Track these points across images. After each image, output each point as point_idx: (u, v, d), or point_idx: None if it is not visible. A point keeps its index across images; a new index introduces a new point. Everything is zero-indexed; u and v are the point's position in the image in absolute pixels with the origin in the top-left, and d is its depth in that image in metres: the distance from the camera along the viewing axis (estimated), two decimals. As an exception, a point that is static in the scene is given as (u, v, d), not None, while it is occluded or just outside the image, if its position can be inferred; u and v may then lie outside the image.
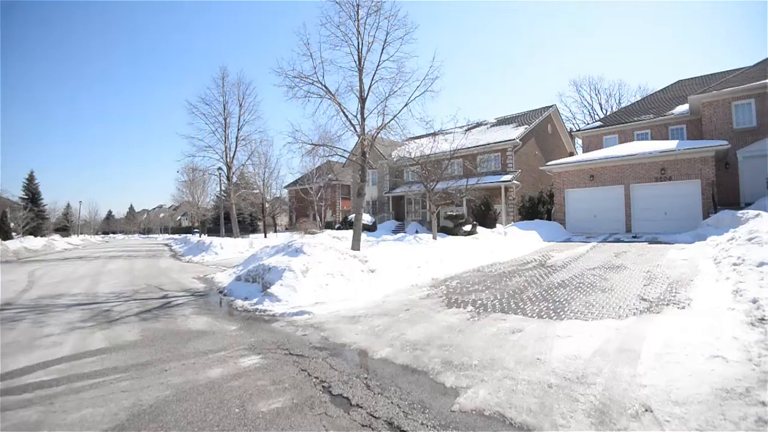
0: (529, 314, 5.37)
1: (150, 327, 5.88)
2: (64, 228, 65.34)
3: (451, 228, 18.54)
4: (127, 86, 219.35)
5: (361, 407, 3.03)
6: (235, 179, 27.13)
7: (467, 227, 17.98)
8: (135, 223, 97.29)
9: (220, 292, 8.69)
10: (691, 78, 25.70)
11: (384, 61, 11.66)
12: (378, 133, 12.25)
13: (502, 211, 22.69)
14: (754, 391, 2.78)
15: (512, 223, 20.56)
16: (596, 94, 45.07)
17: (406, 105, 11.85)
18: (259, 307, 6.70)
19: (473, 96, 78.47)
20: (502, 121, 29.36)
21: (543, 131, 27.62)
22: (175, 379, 3.79)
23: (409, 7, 13.01)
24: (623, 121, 23.59)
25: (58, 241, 35.95)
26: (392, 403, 3.07)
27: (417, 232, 20.79)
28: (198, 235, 38.37)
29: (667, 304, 5.38)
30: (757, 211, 11.52)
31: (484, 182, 20.50)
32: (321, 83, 11.45)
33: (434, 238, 15.44)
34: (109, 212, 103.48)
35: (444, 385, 3.35)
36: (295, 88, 11.39)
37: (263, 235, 31.67)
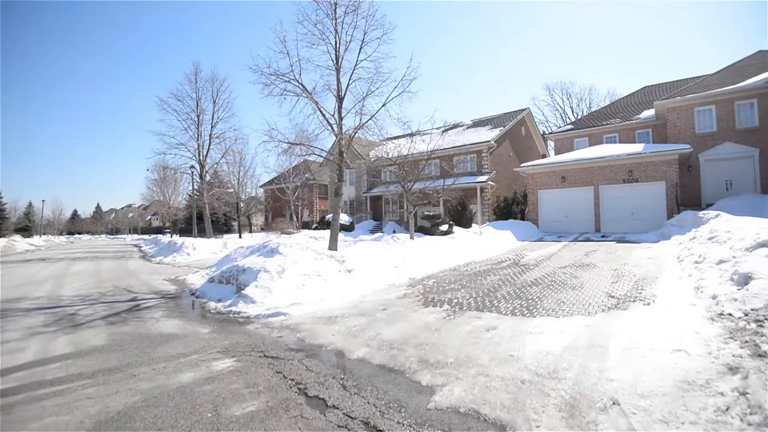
0: (504, 312, 5.48)
1: (118, 331, 5.67)
2: (26, 228, 62.01)
3: (428, 228, 18.70)
4: (92, 81, 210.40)
5: (338, 408, 3.02)
6: (208, 178, 26.52)
7: (444, 227, 18.18)
8: (102, 223, 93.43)
9: (193, 294, 8.46)
10: (657, 84, 26.85)
11: (362, 60, 11.66)
12: (355, 133, 12.23)
13: (478, 212, 23.06)
14: (714, 383, 2.94)
15: (487, 223, 20.93)
16: (568, 98, 46.58)
17: (383, 105, 11.88)
18: (233, 309, 6.57)
19: (449, 97, 79.52)
20: (478, 123, 29.84)
21: (517, 133, 28.23)
22: (144, 384, 3.67)
23: (387, 7, 13.04)
24: (593, 124, 24.41)
25: (18, 242, 34.05)
26: (369, 402, 3.08)
27: (394, 231, 20.86)
28: (169, 235, 37.21)
29: (634, 301, 5.61)
30: (716, 212, 12.16)
31: (461, 183, 20.79)
32: (298, 81, 11.33)
33: (411, 237, 15.53)
34: (75, 212, 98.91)
35: (420, 383, 3.38)
36: (271, 86, 11.24)
37: (238, 235, 31.09)
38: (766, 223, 8.59)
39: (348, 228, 25.38)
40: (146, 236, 50.73)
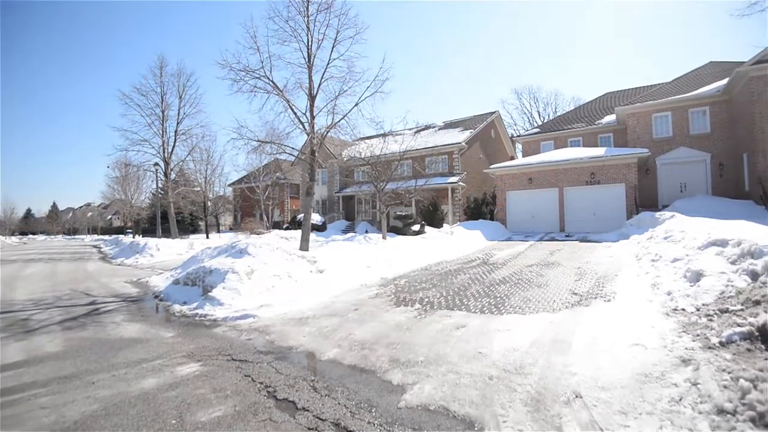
0: (473, 310, 5.59)
1: (75, 336, 5.37)
2: (-30, 228, 57.66)
3: (401, 228, 18.81)
4: (47, 72, 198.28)
5: (308, 410, 2.99)
6: (173, 176, 25.55)
7: (416, 227, 18.34)
8: (59, 222, 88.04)
9: (156, 297, 8.14)
10: (618, 91, 28.15)
11: (334, 59, 11.58)
12: (328, 132, 12.13)
13: (449, 212, 23.39)
14: (668, 374, 3.11)
15: (458, 223, 21.27)
16: (535, 103, 48.09)
17: (356, 105, 11.84)
18: (200, 311, 6.37)
19: (421, 99, 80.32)
20: (449, 125, 30.28)
21: (487, 136, 28.85)
22: (104, 391, 3.50)
23: (360, 7, 13.04)
24: (558, 128, 25.30)
25: (-39, 244, 31.61)
26: (339, 404, 3.06)
27: (367, 231, 20.84)
28: (131, 235, 35.61)
29: (595, 298, 5.86)
30: (672, 213, 12.87)
31: (432, 183, 21.04)
32: (268, 78, 11.13)
33: (384, 237, 15.57)
34: (28, 210, 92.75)
35: (391, 382, 3.40)
36: (240, 82, 10.99)
37: (205, 235, 30.17)
38: (716, 224, 9.16)
39: (320, 228, 25.13)
40: (106, 237, 48.29)
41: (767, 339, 3.10)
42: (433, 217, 21.84)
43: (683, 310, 4.57)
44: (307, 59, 11.50)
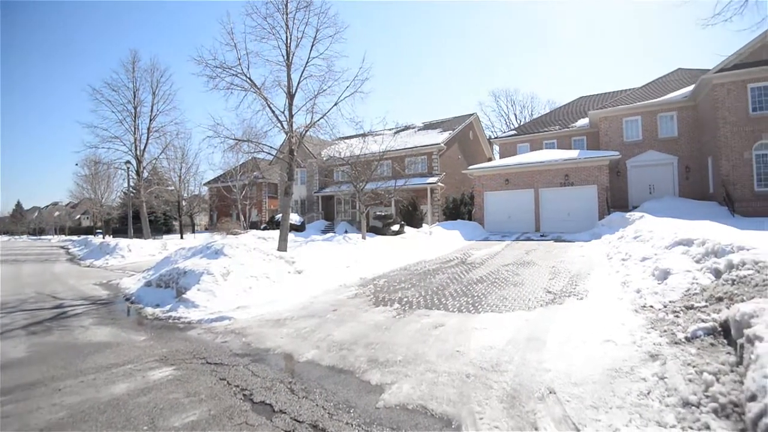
0: (451, 309, 5.65)
1: (41, 341, 5.14)
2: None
3: (380, 228, 18.83)
4: (12, 65, 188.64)
5: (285, 412, 2.95)
6: (146, 174, 24.76)
7: (395, 227, 18.40)
8: (23, 222, 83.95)
9: (127, 300, 7.87)
10: (591, 95, 29.02)
11: (313, 58, 11.48)
12: (307, 131, 12.03)
13: (428, 212, 23.57)
14: (637, 369, 3.23)
15: (437, 223, 21.46)
16: (512, 105, 49.05)
17: (335, 104, 11.79)
18: (173, 314, 6.20)
19: (401, 99, 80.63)
20: (429, 126, 30.53)
21: (465, 137, 29.22)
22: (71, 398, 3.36)
23: (339, 7, 13.00)
24: (534, 131, 25.89)
25: None
26: (317, 405, 3.04)
27: (346, 231, 20.76)
28: (101, 236, 34.33)
29: (569, 296, 6.02)
30: (641, 213, 13.37)
31: (412, 184, 21.16)
32: (246, 75, 10.94)
33: (363, 237, 15.55)
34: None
35: (369, 383, 3.39)
36: (216, 79, 10.76)
37: (179, 236, 29.42)
38: (682, 224, 9.54)
39: (299, 228, 24.86)
40: (75, 237, 46.30)
41: (729, 334, 3.26)
42: (412, 217, 21.96)
43: (651, 307, 4.75)
44: (285, 57, 11.37)
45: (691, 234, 6.84)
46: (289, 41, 11.31)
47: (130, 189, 25.96)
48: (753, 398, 2.20)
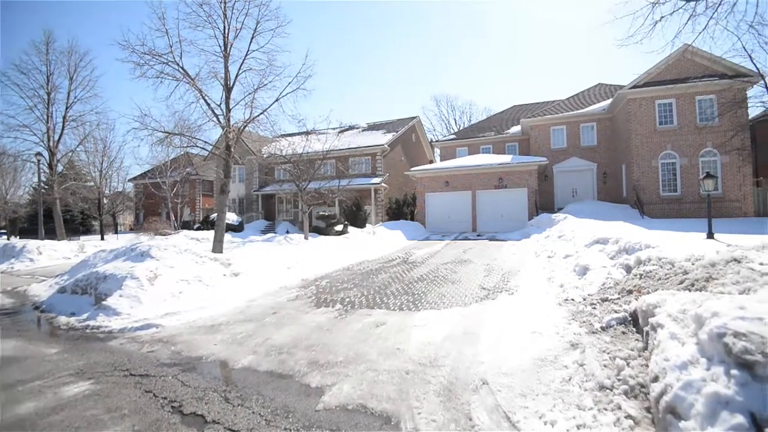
0: (392, 308, 5.73)
1: None
2: None
3: (323, 228, 18.59)
4: None
5: (218, 423, 2.80)
6: (60, 168, 22.25)
7: (339, 227, 18.27)
8: None
9: (37, 308, 7.01)
10: (524, 104, 30.99)
11: (254, 50, 11.08)
12: (245, 127, 11.54)
13: (372, 212, 23.72)
14: (560, 358, 3.50)
15: (381, 223, 21.67)
16: (452, 110, 50.99)
17: (277, 100, 11.45)
18: (91, 323, 5.62)
19: (345, 99, 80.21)
20: (373, 127, 30.74)
21: (408, 139, 29.82)
22: (-44, 425, 2.91)
23: (286, 6, 12.63)
24: (472, 136, 27.12)
25: None
26: (253, 413, 2.92)
27: (288, 232, 20.23)
28: (5, 237, 30.17)
29: (501, 292, 6.38)
30: (565, 215, 14.54)
31: (356, 184, 21.15)
32: (178, 64, 10.26)
33: (306, 238, 15.26)
34: None
35: (309, 385, 3.33)
36: (144, 66, 9.98)
37: (100, 236, 26.77)
38: (600, 224, 10.52)
39: (236, 228, 23.75)
40: (-33, 238, 40.29)
41: (638, 322, 3.65)
42: (356, 217, 21.96)
43: (573, 300, 5.18)
44: (223, 48, 10.83)
45: (606, 233, 7.57)
46: (226, 31, 10.80)
47: (42, 184, 23.10)
48: (656, 379, 2.48)
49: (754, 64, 11.98)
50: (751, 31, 7.60)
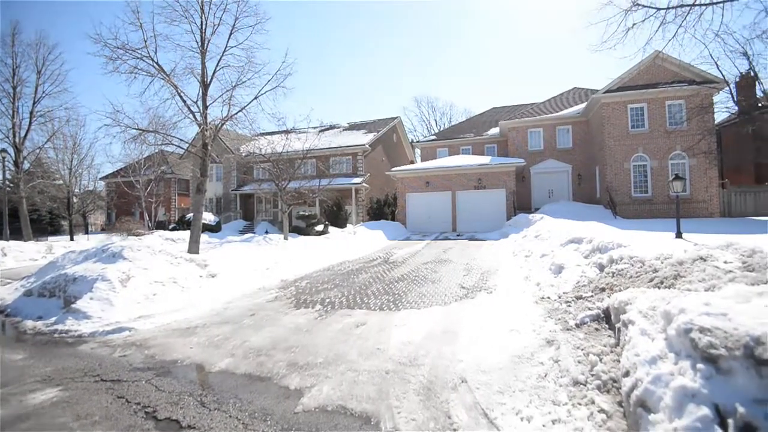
0: (373, 308, 5.73)
1: None
2: None
3: (304, 228, 18.43)
4: None
5: (194, 428, 2.73)
6: (27, 166, 21.28)
7: (319, 227, 18.14)
8: None
9: (1, 312, 6.67)
10: (502, 107, 31.50)
11: (232, 47, 10.87)
12: (223, 125, 11.32)
13: (353, 212, 23.66)
14: (536, 354, 3.57)
15: (361, 223, 21.63)
16: (433, 111, 51.40)
17: (255, 98, 11.28)
18: (60, 327, 5.40)
19: (327, 99, 79.67)
20: (354, 127, 30.65)
21: (389, 140, 29.88)
22: None
23: (267, 5, 12.47)
24: (452, 137, 27.41)
25: None
26: (231, 416, 2.86)
27: (267, 232, 19.95)
28: (-36, 237, 28.58)
29: (480, 291, 6.47)
30: (541, 215, 14.87)
31: (336, 183, 21.05)
32: (152, 59, 9.97)
33: (285, 238, 15.08)
34: None
35: (288, 388, 3.29)
36: (117, 61, 9.65)
37: (69, 237, 25.73)
38: (575, 224, 10.78)
39: (213, 228, 23.23)
40: (-77, 239, 38.02)
41: (610, 319, 3.76)
42: (337, 217, 21.85)
43: (549, 298, 5.30)
44: (200, 43, 10.59)
45: (581, 233, 7.77)
46: (204, 26, 10.57)
47: (6, 182, 22.01)
48: (627, 374, 2.56)
49: (720, 72, 12.52)
50: (717, 40, 7.99)
